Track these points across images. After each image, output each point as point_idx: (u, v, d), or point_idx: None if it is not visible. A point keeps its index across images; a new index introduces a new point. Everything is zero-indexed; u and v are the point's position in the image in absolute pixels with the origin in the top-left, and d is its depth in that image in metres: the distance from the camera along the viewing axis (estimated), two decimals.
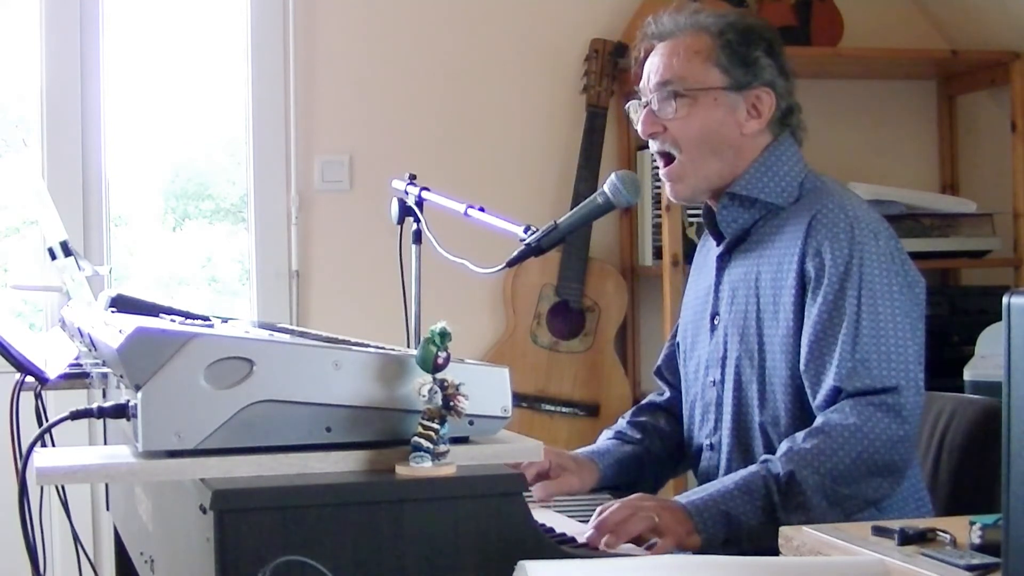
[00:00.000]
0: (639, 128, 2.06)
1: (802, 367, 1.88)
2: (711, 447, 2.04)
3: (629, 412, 2.25)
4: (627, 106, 2.12)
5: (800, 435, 1.84)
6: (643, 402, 2.28)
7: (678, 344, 2.21)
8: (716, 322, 2.06)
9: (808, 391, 1.88)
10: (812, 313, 1.88)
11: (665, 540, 1.72)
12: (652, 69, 2.03)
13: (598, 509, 1.75)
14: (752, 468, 1.85)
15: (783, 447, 1.85)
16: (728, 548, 1.80)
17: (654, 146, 2.06)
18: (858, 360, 1.83)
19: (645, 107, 2.04)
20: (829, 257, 1.88)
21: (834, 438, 1.80)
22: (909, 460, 1.85)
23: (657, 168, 2.11)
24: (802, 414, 1.89)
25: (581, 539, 1.69)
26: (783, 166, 2.01)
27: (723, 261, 2.07)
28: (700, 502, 1.79)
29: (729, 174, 2.01)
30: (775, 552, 1.81)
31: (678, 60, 2.00)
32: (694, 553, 1.76)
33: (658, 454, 2.16)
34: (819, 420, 1.84)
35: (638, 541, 1.72)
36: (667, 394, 2.25)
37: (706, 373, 2.07)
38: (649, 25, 2.07)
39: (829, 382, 1.84)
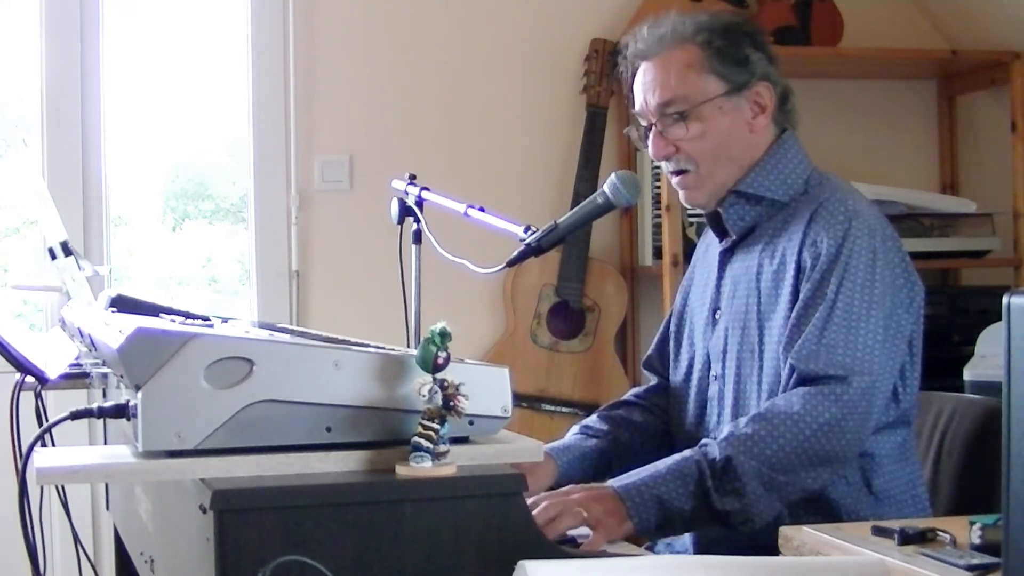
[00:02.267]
0: (650, 152, 2.05)
1: (781, 350, 1.90)
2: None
3: (604, 406, 2.24)
4: (626, 131, 2.12)
5: (743, 420, 1.85)
6: (622, 397, 2.25)
7: (672, 335, 2.20)
8: (717, 316, 2.07)
9: (782, 368, 1.90)
10: (799, 300, 1.89)
11: (597, 534, 1.71)
12: (648, 91, 2.02)
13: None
14: (687, 452, 1.84)
15: (725, 431, 1.86)
16: (663, 532, 1.83)
17: (667, 166, 2.05)
18: (823, 345, 1.84)
19: (649, 130, 2.03)
20: (824, 247, 1.89)
21: (776, 425, 1.81)
22: (850, 449, 1.84)
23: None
24: None
25: None
26: (788, 164, 2.02)
27: (726, 257, 2.08)
28: (632, 487, 1.78)
29: (740, 174, 2.02)
30: (711, 534, 1.83)
31: (674, 78, 1.99)
32: (627, 538, 1.77)
33: (628, 445, 2.13)
34: (765, 405, 1.86)
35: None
36: (653, 382, 2.23)
37: (708, 368, 2.07)
38: (628, 46, 2.06)
39: (789, 359, 1.86)
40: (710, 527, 1.83)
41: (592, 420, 2.18)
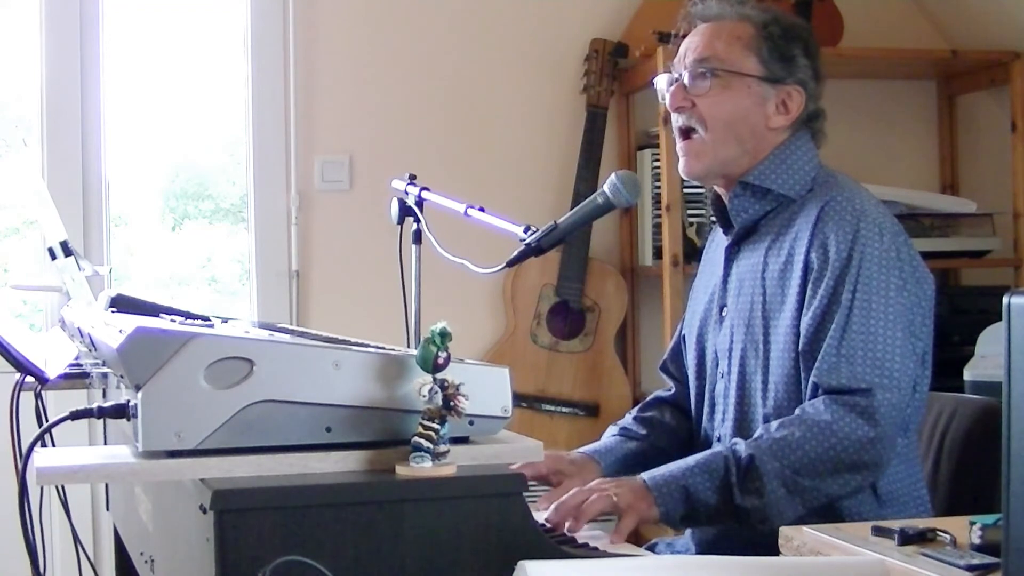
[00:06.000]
0: (667, 100, 2.07)
1: (801, 354, 1.91)
2: (719, 439, 2.05)
3: (636, 408, 2.26)
4: (656, 79, 2.13)
5: (775, 423, 1.87)
6: (650, 397, 2.29)
7: (684, 337, 2.22)
8: (724, 314, 2.07)
9: (803, 378, 1.91)
10: (812, 303, 1.90)
11: (627, 517, 1.76)
12: (691, 46, 2.06)
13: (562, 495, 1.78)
14: (718, 448, 1.89)
15: (757, 432, 1.88)
16: (687, 523, 1.88)
17: (678, 120, 2.07)
18: (843, 356, 1.85)
19: (676, 81, 2.06)
20: (833, 249, 1.89)
21: (804, 431, 1.83)
22: (880, 460, 1.86)
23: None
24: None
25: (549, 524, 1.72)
26: (797, 160, 2.03)
27: (731, 253, 2.08)
28: (660, 478, 1.83)
29: (746, 163, 2.03)
30: (732, 528, 1.86)
31: (720, 42, 2.03)
32: (654, 523, 1.83)
33: (664, 449, 2.16)
34: (797, 411, 1.87)
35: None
36: (673, 389, 2.26)
37: (715, 365, 2.09)
38: (695, 5, 2.10)
39: (811, 376, 1.88)
40: (732, 523, 1.84)
41: (629, 423, 2.21)
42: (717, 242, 2.18)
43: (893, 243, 1.92)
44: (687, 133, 2.05)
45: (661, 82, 2.11)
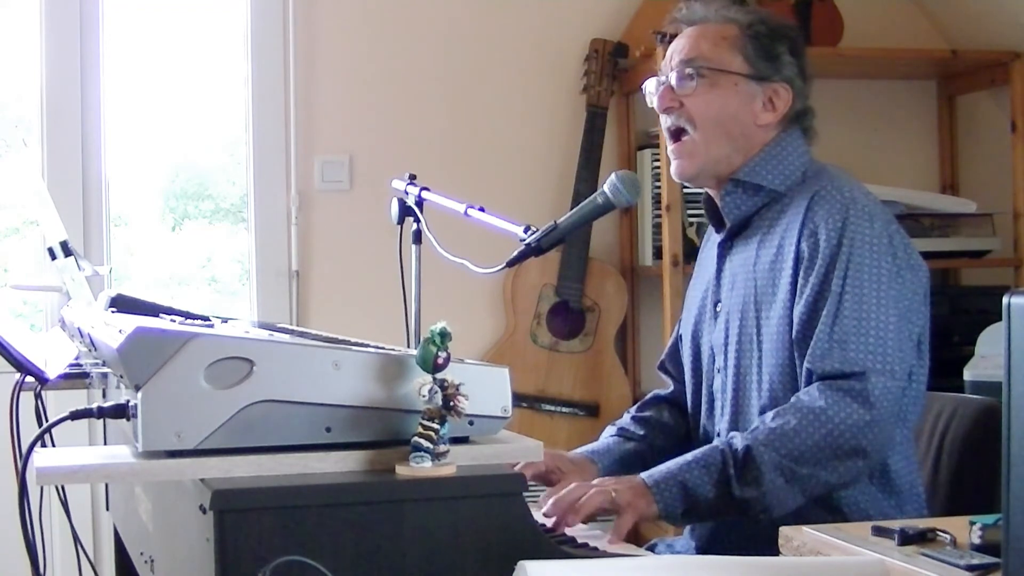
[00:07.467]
0: (655, 102, 2.09)
1: (794, 343, 1.91)
2: (718, 435, 2.06)
3: (634, 407, 2.26)
4: (645, 83, 2.14)
5: (770, 413, 1.87)
6: (648, 396, 2.29)
7: (681, 336, 2.22)
8: (719, 310, 2.08)
9: (798, 367, 1.91)
10: (804, 292, 1.90)
11: (626, 514, 1.77)
12: (677, 48, 2.07)
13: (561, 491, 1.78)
14: (715, 442, 1.90)
15: (753, 424, 1.89)
16: (688, 518, 1.88)
17: (666, 121, 2.08)
18: (835, 341, 1.86)
19: (664, 83, 2.07)
20: (824, 237, 1.90)
21: (799, 419, 1.83)
22: (877, 445, 1.86)
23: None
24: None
25: (549, 523, 1.72)
26: (788, 156, 2.04)
27: (724, 249, 2.09)
28: (659, 475, 1.84)
29: (737, 161, 2.04)
30: (732, 528, 1.86)
31: (705, 42, 2.04)
32: (654, 520, 1.85)
33: (662, 449, 2.16)
34: (791, 399, 1.88)
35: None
36: (671, 387, 2.26)
37: (712, 361, 2.09)
38: (680, 9, 2.12)
39: (805, 364, 1.88)
40: (733, 515, 1.85)
41: (627, 422, 2.22)
42: (711, 242, 2.19)
43: (885, 229, 1.92)
44: (677, 135, 2.06)
45: (650, 85, 2.12)
